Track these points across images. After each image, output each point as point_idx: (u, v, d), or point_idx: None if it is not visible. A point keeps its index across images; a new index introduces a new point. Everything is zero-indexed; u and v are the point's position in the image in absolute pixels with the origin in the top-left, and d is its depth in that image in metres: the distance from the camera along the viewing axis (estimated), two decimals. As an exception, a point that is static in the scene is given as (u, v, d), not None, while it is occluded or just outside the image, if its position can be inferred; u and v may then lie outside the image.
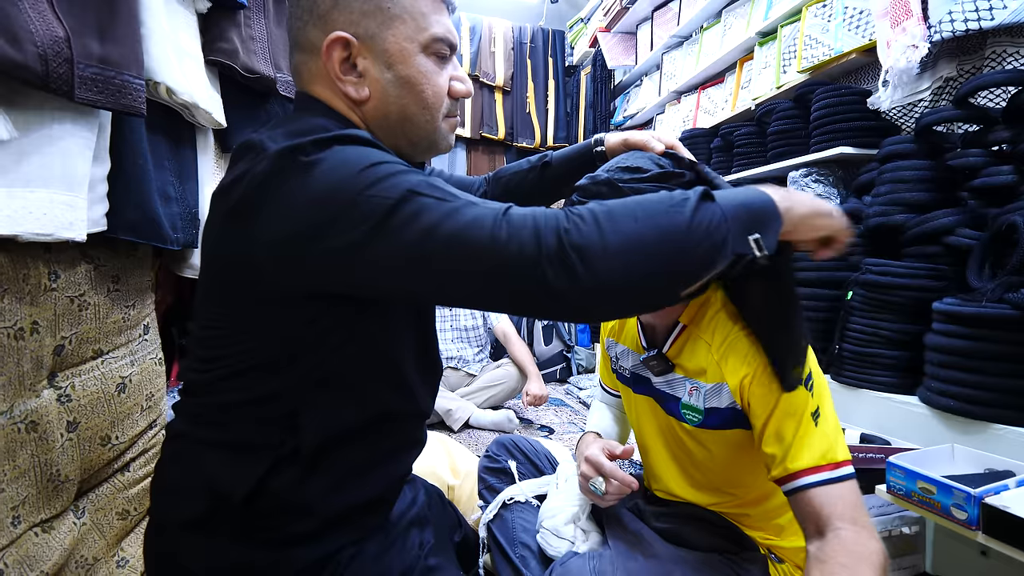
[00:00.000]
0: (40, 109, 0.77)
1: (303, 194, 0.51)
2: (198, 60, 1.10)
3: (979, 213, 1.31)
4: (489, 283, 0.50)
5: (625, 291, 0.49)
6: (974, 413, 1.09)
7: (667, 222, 0.49)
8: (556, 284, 0.47)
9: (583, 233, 0.48)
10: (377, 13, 0.61)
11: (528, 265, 0.47)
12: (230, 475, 0.61)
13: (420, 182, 0.51)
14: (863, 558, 0.61)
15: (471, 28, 3.94)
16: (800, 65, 2.02)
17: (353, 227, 0.49)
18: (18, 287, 0.80)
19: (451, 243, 0.48)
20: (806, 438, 0.67)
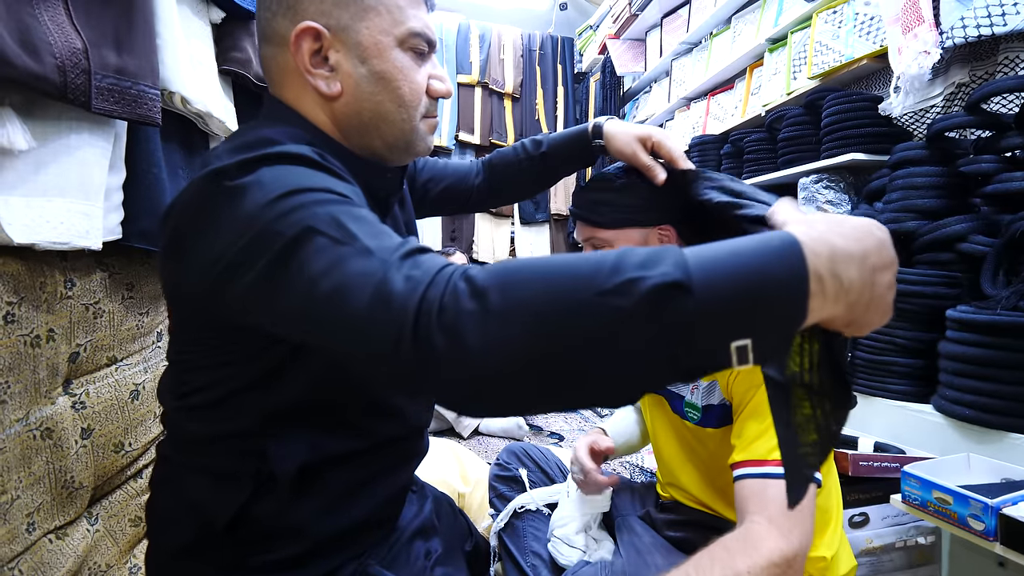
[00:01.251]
0: (58, 119, 0.78)
1: (220, 224, 0.47)
2: (212, 69, 1.12)
3: (992, 220, 1.29)
4: (356, 355, 0.42)
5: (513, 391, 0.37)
6: (990, 422, 1.08)
7: (591, 320, 0.34)
8: (416, 377, 0.38)
9: (462, 323, 0.36)
10: (350, 4, 0.57)
11: (401, 345, 0.37)
12: (212, 501, 0.58)
13: (325, 217, 0.44)
14: (752, 549, 0.60)
15: (480, 36, 3.97)
16: (811, 71, 2.02)
17: (252, 265, 0.45)
18: (35, 295, 0.81)
19: (329, 301, 0.41)
20: (763, 436, 0.68)
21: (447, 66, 3.87)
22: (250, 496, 0.58)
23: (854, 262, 0.36)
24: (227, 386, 0.56)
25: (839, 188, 1.89)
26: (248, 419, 0.57)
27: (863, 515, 1.02)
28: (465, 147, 3.99)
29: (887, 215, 1.47)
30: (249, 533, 0.59)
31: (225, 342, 0.54)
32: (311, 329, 0.44)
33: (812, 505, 0.67)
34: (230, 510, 0.58)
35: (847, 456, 1.01)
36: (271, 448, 0.57)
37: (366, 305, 0.39)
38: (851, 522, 1.02)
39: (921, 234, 1.38)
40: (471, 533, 0.97)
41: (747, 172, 2.35)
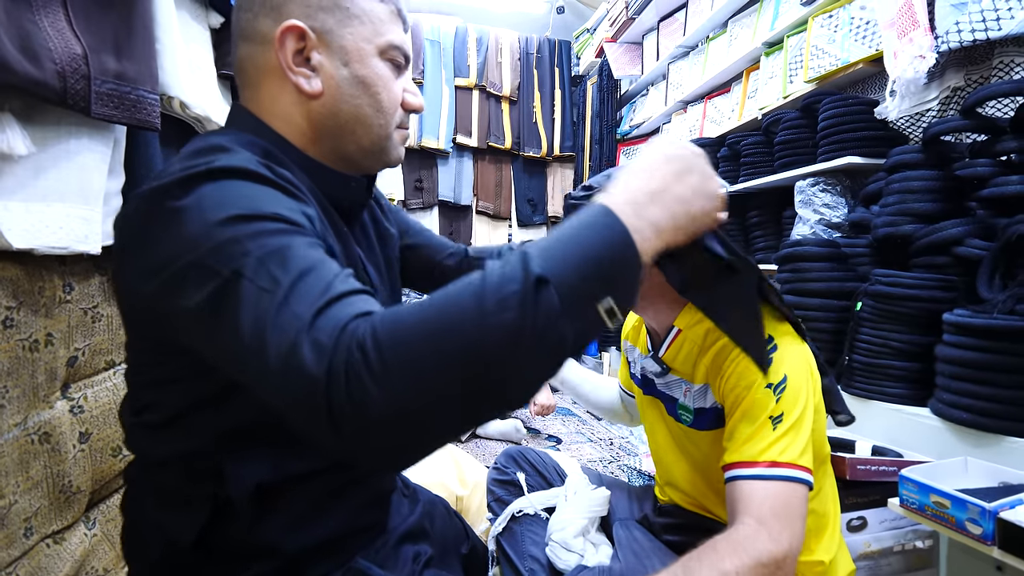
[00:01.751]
0: (57, 124, 0.78)
1: (160, 245, 0.47)
2: (210, 74, 1.12)
3: (988, 223, 1.30)
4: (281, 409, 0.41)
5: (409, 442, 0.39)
6: (987, 426, 1.08)
7: (478, 341, 0.37)
8: (332, 437, 0.38)
9: (383, 352, 0.37)
10: (335, 9, 0.58)
11: (308, 411, 0.38)
12: (173, 523, 0.57)
13: (255, 258, 0.43)
14: (740, 550, 0.61)
15: (478, 39, 3.98)
16: (807, 75, 2.03)
17: (189, 295, 0.44)
18: (33, 300, 0.81)
19: (254, 353, 0.40)
20: (754, 437, 0.69)
21: (444, 69, 3.88)
22: (209, 518, 0.56)
23: (654, 200, 0.45)
24: (177, 404, 0.55)
25: (836, 191, 1.90)
26: (201, 438, 0.55)
27: (861, 519, 1.03)
28: (463, 150, 4.00)
29: (884, 219, 1.48)
30: (219, 553, 0.58)
31: (171, 358, 0.53)
32: (242, 371, 0.43)
33: (803, 507, 0.67)
34: (192, 532, 0.56)
35: (844, 460, 1.01)
36: (227, 468, 0.55)
37: (280, 370, 0.39)
38: (849, 526, 1.02)
39: (917, 237, 1.38)
40: (467, 536, 0.97)
41: (744, 175, 2.36)
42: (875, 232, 1.51)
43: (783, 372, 0.72)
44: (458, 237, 3.99)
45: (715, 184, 0.50)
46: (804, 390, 0.72)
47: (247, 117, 0.61)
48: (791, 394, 0.71)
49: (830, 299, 1.54)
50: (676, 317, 0.85)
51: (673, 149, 0.49)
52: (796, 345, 0.76)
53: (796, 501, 0.66)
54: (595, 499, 0.95)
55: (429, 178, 3.92)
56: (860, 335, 1.40)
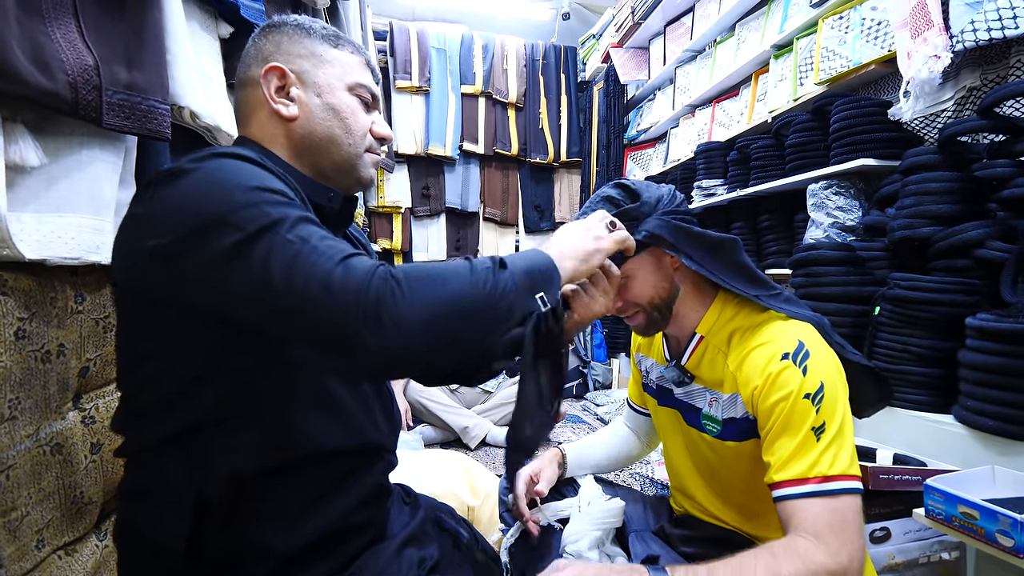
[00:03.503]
0: (69, 135, 0.78)
1: (175, 201, 0.55)
2: (220, 84, 1.12)
3: (1009, 225, 1.27)
4: (311, 332, 0.53)
5: (427, 348, 0.53)
6: (1014, 433, 1.05)
7: (469, 290, 0.55)
8: (368, 343, 0.50)
9: (399, 300, 0.51)
10: (311, 56, 0.71)
11: (347, 323, 0.50)
12: (166, 528, 0.59)
13: (287, 218, 0.54)
14: (798, 558, 0.62)
15: (484, 46, 3.99)
16: (817, 77, 2.01)
17: (211, 245, 0.52)
18: (45, 310, 0.81)
19: (293, 289, 0.51)
20: (800, 452, 0.68)
21: (451, 77, 3.90)
22: (198, 515, 0.59)
23: (566, 256, 0.65)
24: (169, 379, 0.59)
25: (849, 194, 1.87)
26: (195, 411, 0.59)
27: (884, 530, 1.00)
28: (469, 157, 4.00)
29: (901, 221, 1.46)
30: (213, 559, 0.60)
31: (169, 326, 0.58)
32: (264, 313, 0.53)
33: (859, 519, 0.66)
34: (183, 533, 0.59)
35: (867, 469, 0.99)
36: (212, 451, 0.59)
37: (319, 294, 0.50)
38: (872, 537, 0.99)
39: (936, 240, 1.36)
40: (477, 541, 0.96)
41: (754, 179, 2.34)
42: (892, 235, 1.48)
43: (819, 380, 0.70)
44: (465, 244, 3.99)
45: (598, 241, 0.68)
46: (840, 395, 0.71)
47: (246, 140, 0.73)
48: (829, 402, 0.70)
49: (847, 304, 1.51)
50: (698, 323, 0.84)
51: (578, 225, 0.69)
52: (825, 350, 0.74)
53: (852, 514, 0.66)
54: (609, 510, 0.93)
55: (436, 185, 3.92)
56: (879, 340, 1.37)
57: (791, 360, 0.71)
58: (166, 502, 0.60)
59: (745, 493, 0.82)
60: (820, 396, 0.69)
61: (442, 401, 2.47)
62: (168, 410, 0.59)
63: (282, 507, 0.63)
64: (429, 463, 1.56)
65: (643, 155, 3.80)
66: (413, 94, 3.82)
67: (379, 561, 0.71)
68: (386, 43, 3.76)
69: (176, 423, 0.59)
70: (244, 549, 0.61)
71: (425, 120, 3.83)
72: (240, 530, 0.61)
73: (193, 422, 0.59)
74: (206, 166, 0.56)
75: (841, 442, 0.68)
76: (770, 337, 0.75)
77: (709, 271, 0.79)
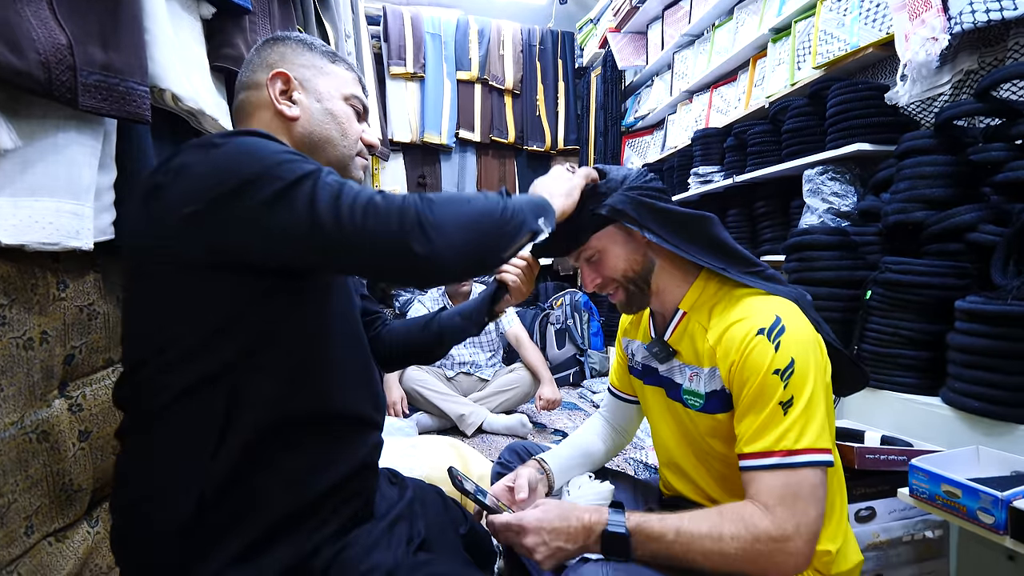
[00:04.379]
0: (44, 118, 0.77)
1: (212, 166, 0.60)
2: (203, 66, 1.10)
3: (1003, 209, 1.26)
4: (364, 253, 0.61)
5: (463, 254, 0.64)
6: (999, 414, 1.06)
7: (489, 209, 0.67)
8: (417, 250, 0.60)
9: (435, 213, 0.62)
10: (312, 67, 0.79)
11: (396, 238, 0.60)
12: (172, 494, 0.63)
13: (320, 169, 0.62)
14: (741, 521, 0.67)
15: (479, 31, 3.95)
16: (815, 61, 1.99)
17: (256, 195, 0.58)
18: (26, 297, 0.80)
19: (340, 220, 0.59)
20: (768, 426, 0.70)
21: (446, 63, 3.86)
22: (214, 451, 0.63)
23: (555, 195, 0.79)
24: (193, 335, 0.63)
25: (844, 179, 1.86)
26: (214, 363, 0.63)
27: (870, 509, 1.01)
28: (466, 145, 3.98)
29: (894, 205, 1.45)
30: (215, 518, 0.63)
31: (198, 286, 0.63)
32: (314, 248, 0.60)
33: (816, 492, 0.68)
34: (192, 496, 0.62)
35: (853, 449, 0.99)
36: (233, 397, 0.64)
37: (371, 219, 0.60)
38: (857, 516, 1.00)
39: (929, 224, 1.35)
40: (466, 519, 0.99)
41: (751, 165, 2.32)
42: (886, 219, 1.47)
43: (790, 355, 0.72)
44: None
45: (571, 180, 0.83)
46: (812, 370, 0.72)
47: None
48: (799, 377, 0.71)
49: (839, 288, 1.51)
50: (681, 300, 0.86)
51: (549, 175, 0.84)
52: (802, 325, 0.75)
53: (809, 487, 0.68)
54: (599, 492, 0.94)
55: (432, 174, 3.90)
56: (870, 324, 1.37)
57: (765, 335, 0.72)
58: (176, 462, 0.63)
59: (725, 464, 0.83)
60: (790, 372, 0.71)
61: (438, 389, 2.47)
62: (188, 362, 0.63)
63: (285, 465, 0.67)
64: (424, 448, 1.56)
65: (641, 142, 3.78)
66: (408, 80, 3.78)
67: (370, 537, 0.74)
68: (379, 28, 3.72)
69: (193, 375, 0.63)
70: (247, 505, 0.65)
71: (420, 107, 3.80)
72: (246, 486, 0.64)
73: (211, 373, 0.63)
74: (236, 139, 0.62)
75: (809, 416, 0.70)
76: (748, 312, 0.76)
77: (675, 246, 0.81)
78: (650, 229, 0.81)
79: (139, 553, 0.65)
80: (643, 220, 0.81)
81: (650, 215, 0.81)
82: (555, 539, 0.74)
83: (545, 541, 0.74)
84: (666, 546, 0.70)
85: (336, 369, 0.74)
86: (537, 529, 0.74)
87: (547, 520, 0.75)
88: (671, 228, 0.82)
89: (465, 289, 2.68)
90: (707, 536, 0.68)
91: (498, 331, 2.76)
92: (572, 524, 0.74)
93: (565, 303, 3.57)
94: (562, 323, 3.50)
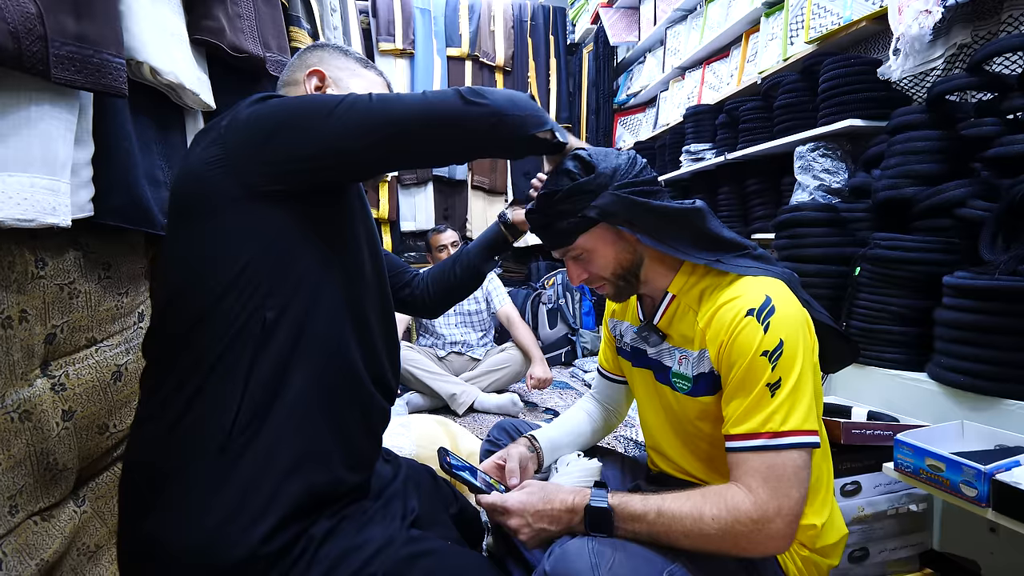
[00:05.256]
0: (16, 91, 0.74)
1: (277, 104, 0.72)
2: (183, 39, 1.07)
3: (992, 184, 1.26)
4: (431, 119, 0.71)
5: (507, 110, 0.73)
6: (985, 389, 1.07)
7: (521, 97, 0.77)
8: (474, 101, 0.72)
9: (478, 89, 0.74)
10: (347, 70, 0.89)
11: (457, 100, 0.72)
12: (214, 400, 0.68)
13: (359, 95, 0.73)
14: (723, 502, 0.67)
15: (470, 6, 3.87)
16: (808, 35, 1.96)
17: (319, 109, 0.70)
18: (3, 275, 0.79)
19: (400, 103, 0.72)
20: (755, 408, 0.70)
21: (436, 39, 3.78)
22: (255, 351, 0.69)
23: None
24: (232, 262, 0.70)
25: (836, 156, 1.85)
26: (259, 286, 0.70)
27: (855, 484, 1.02)
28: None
29: (885, 182, 1.44)
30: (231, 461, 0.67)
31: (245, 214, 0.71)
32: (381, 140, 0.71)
33: (800, 473, 0.68)
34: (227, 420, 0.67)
35: (839, 424, 1.00)
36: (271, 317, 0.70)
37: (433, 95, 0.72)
38: (843, 491, 1.01)
39: (919, 200, 1.35)
40: (456, 498, 1.01)
41: (743, 142, 2.31)
42: (876, 196, 1.47)
43: (779, 337, 0.71)
44: (453, 213, 3.94)
45: None
46: (800, 351, 0.72)
47: None
48: (787, 358, 0.71)
49: (828, 264, 1.51)
50: (670, 283, 0.85)
51: None
52: (791, 305, 0.74)
53: (792, 468, 0.68)
54: (587, 469, 0.94)
55: (423, 152, 3.85)
56: (858, 300, 1.38)
57: (755, 316, 0.72)
58: (215, 387, 0.68)
59: (712, 446, 0.83)
60: (778, 353, 0.70)
61: (430, 368, 2.48)
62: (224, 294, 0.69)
63: (307, 410, 0.72)
64: (413, 427, 1.57)
65: (633, 120, 3.74)
66: (397, 57, 3.71)
67: (366, 513, 0.76)
68: (367, 2, 3.63)
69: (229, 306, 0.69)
70: (269, 448, 0.68)
71: (410, 85, 3.73)
72: (269, 427, 0.69)
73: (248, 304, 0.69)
74: (279, 99, 0.74)
75: (796, 398, 0.70)
76: (738, 292, 0.76)
77: (668, 246, 0.79)
78: (643, 231, 0.79)
79: (153, 490, 0.69)
80: (636, 222, 0.78)
81: (642, 215, 0.78)
82: (538, 521, 0.75)
83: (529, 523, 0.75)
84: (647, 525, 0.70)
85: (367, 333, 0.81)
86: (521, 511, 0.76)
87: (530, 503, 0.76)
88: (663, 226, 0.79)
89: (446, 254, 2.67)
90: (688, 516, 0.68)
91: (489, 310, 2.76)
92: (555, 506, 0.75)
93: (557, 283, 3.57)
94: (554, 303, 3.50)
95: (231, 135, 0.71)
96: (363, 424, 0.81)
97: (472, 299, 2.73)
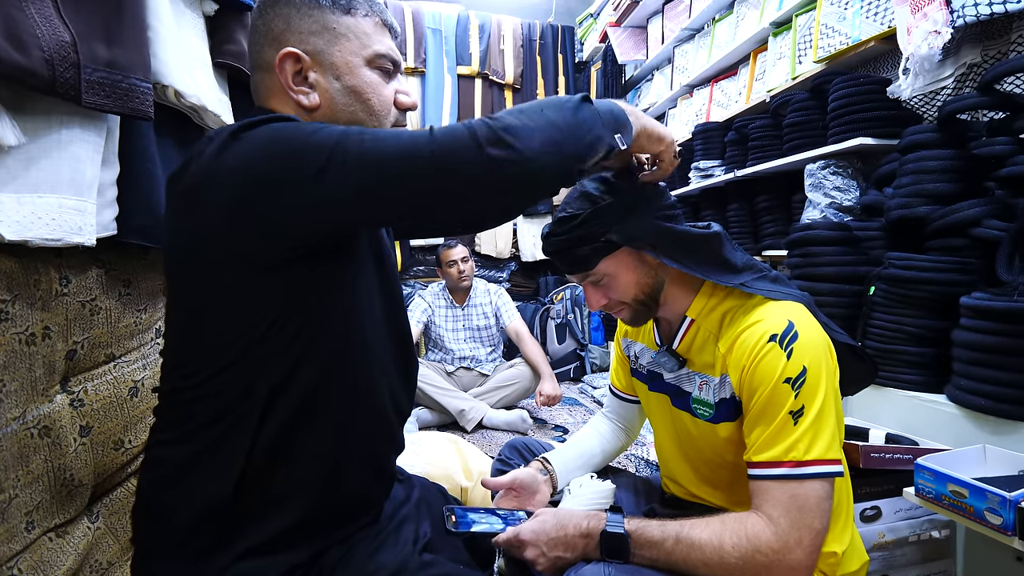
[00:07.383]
0: (48, 114, 0.76)
1: (249, 155, 0.57)
2: (206, 63, 1.10)
3: (1007, 203, 1.26)
4: (441, 180, 0.56)
5: (544, 160, 0.57)
6: (1006, 412, 1.05)
7: (566, 116, 0.60)
8: (496, 155, 0.55)
9: (506, 122, 0.57)
10: (324, 32, 0.68)
11: (472, 150, 0.55)
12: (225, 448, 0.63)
13: (355, 128, 0.58)
14: (743, 531, 0.66)
15: (480, 26, 3.93)
16: (816, 55, 1.98)
17: (301, 170, 0.55)
18: (29, 292, 0.80)
19: (400, 158, 0.55)
20: (778, 436, 0.69)
21: (447, 58, 3.84)
22: (257, 425, 0.63)
23: (640, 119, 0.70)
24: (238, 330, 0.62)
25: (847, 174, 1.85)
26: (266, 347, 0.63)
27: (875, 509, 1.00)
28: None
29: (897, 200, 1.44)
30: (244, 506, 0.64)
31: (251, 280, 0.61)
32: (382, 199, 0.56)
33: (823, 504, 0.67)
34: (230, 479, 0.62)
35: (858, 448, 0.99)
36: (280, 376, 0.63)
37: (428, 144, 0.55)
38: (863, 516, 1.00)
39: (933, 219, 1.35)
40: None
41: (752, 159, 2.32)
42: (889, 214, 1.47)
43: (802, 364, 0.70)
44: (463, 228, 3.96)
45: (670, 132, 0.74)
46: (824, 378, 0.71)
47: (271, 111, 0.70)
48: (811, 386, 0.70)
49: (842, 284, 1.50)
50: (688, 307, 0.84)
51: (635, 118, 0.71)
52: (814, 330, 0.74)
53: (815, 499, 0.67)
54: (600, 491, 0.93)
55: (433, 168, 3.89)
56: (873, 320, 1.37)
57: (777, 343, 0.71)
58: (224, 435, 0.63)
59: (733, 474, 0.82)
60: (801, 381, 0.69)
61: (439, 384, 2.47)
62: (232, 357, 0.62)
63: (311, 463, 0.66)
64: (423, 445, 1.56)
65: (641, 137, 3.76)
66: (409, 75, 3.77)
67: (376, 539, 0.74)
68: (380, 23, 3.70)
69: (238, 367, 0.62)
70: (272, 498, 0.65)
71: (422, 103, 3.79)
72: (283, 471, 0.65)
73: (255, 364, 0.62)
74: (270, 126, 0.58)
75: (819, 426, 0.68)
76: (760, 317, 0.75)
77: (691, 268, 0.78)
78: (668, 255, 0.78)
79: (162, 533, 0.65)
80: (663, 248, 0.77)
81: (666, 240, 0.77)
82: (553, 549, 0.74)
83: (544, 552, 0.74)
84: (665, 553, 0.69)
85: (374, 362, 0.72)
86: (535, 542, 0.75)
87: (543, 531, 0.75)
88: (686, 250, 0.78)
89: (466, 284, 2.68)
90: (707, 544, 0.67)
91: (498, 325, 2.76)
92: (569, 532, 0.74)
93: (566, 297, 3.56)
94: (563, 318, 3.49)
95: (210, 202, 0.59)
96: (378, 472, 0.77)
97: (481, 314, 2.74)
